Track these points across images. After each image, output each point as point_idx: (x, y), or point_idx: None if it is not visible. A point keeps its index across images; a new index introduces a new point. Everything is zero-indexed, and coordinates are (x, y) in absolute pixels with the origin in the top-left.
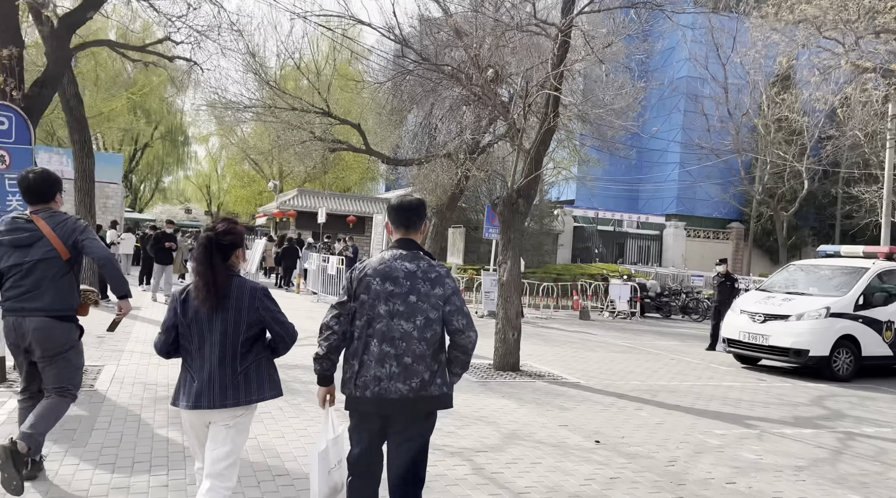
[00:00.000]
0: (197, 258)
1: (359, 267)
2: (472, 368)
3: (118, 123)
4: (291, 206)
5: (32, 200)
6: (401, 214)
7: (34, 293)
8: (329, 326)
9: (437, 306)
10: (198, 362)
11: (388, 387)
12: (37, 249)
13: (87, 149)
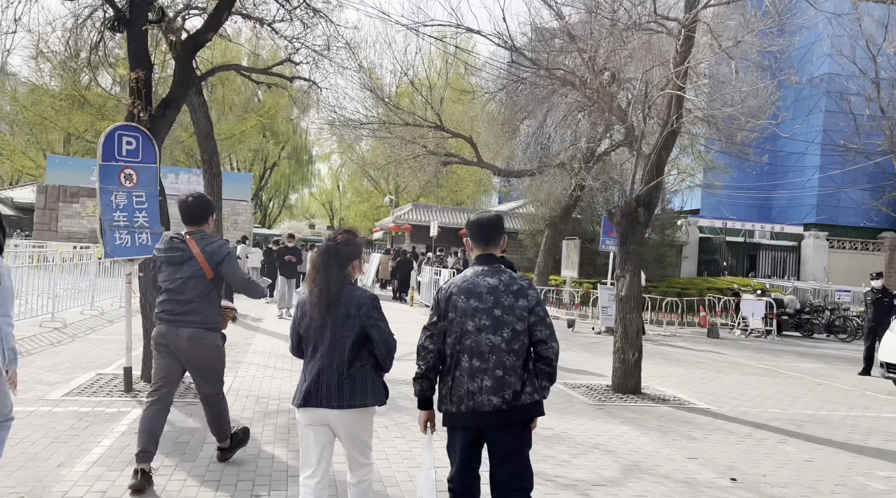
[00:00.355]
0: (315, 265)
1: (444, 286)
2: (587, 389)
3: (248, 144)
4: (406, 220)
5: (188, 222)
6: (479, 231)
7: (187, 307)
8: (424, 346)
9: (523, 318)
10: (310, 364)
11: (481, 400)
12: (187, 268)
13: (215, 169)
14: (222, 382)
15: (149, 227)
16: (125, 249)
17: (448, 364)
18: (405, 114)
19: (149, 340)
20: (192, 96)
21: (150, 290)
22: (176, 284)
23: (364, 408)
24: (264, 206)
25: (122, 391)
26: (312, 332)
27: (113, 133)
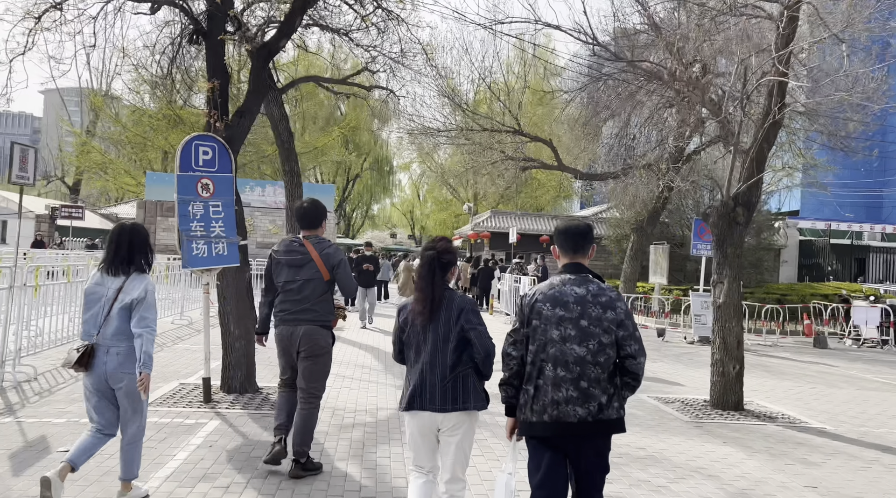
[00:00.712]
0: (420, 274)
1: (528, 293)
2: (682, 404)
3: (331, 156)
4: (485, 227)
5: (304, 226)
6: (568, 239)
7: (304, 307)
8: (508, 352)
9: (610, 330)
10: (414, 369)
11: (566, 411)
12: (306, 270)
13: (296, 180)
14: (325, 383)
15: (225, 236)
16: (202, 259)
17: (529, 372)
18: (483, 119)
19: (228, 350)
20: (272, 108)
21: (230, 299)
22: (295, 285)
23: (466, 411)
24: (348, 216)
25: (201, 402)
26: (414, 337)
27: (190, 143)
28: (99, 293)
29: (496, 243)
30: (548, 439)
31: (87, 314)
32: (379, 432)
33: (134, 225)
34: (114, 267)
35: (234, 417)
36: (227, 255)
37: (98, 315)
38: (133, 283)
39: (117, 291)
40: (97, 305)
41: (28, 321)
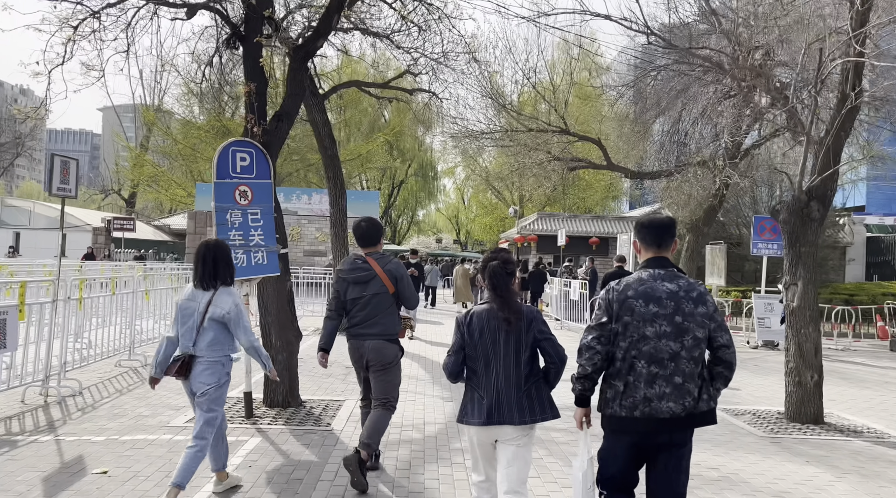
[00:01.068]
0: (495, 285)
1: (616, 288)
2: (754, 416)
3: (376, 163)
4: (532, 230)
5: (364, 244)
6: (652, 232)
7: (371, 321)
8: (591, 346)
9: (704, 325)
10: (485, 381)
11: (658, 407)
12: (372, 286)
13: (340, 186)
14: (397, 392)
15: (264, 245)
16: (241, 269)
17: (619, 368)
18: (528, 119)
19: None
20: (315, 114)
21: (271, 309)
22: (363, 301)
23: (539, 423)
24: (393, 223)
25: (242, 418)
26: (483, 349)
27: (227, 149)
28: (191, 307)
29: (543, 246)
30: (636, 434)
31: (183, 328)
32: (427, 451)
33: (217, 242)
34: (203, 282)
35: (276, 433)
36: (266, 264)
37: (192, 328)
38: (221, 296)
39: (207, 304)
40: (191, 319)
41: (75, 334)
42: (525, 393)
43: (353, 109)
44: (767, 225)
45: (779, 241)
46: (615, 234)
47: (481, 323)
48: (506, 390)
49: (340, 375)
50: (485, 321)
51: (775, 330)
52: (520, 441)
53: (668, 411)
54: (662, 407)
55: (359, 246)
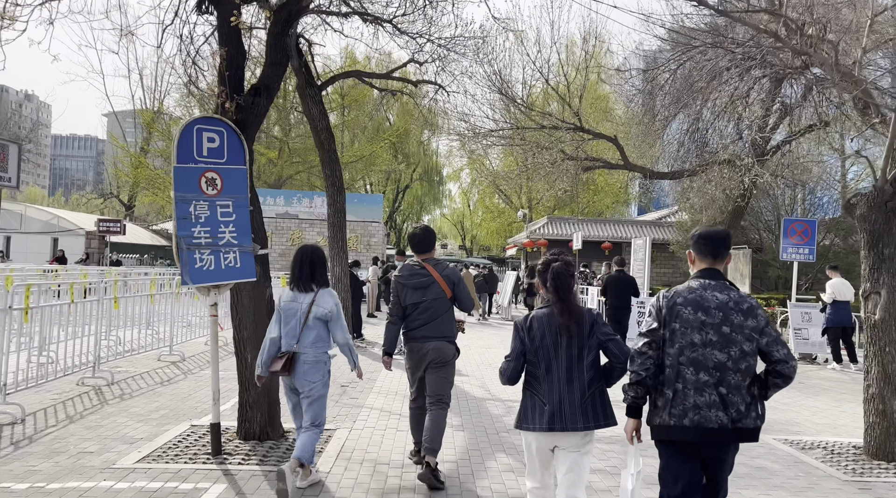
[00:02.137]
0: (557, 287)
1: (666, 295)
2: (826, 452)
3: (380, 166)
4: (541, 234)
5: (419, 251)
6: (709, 244)
7: (432, 324)
8: (643, 352)
9: (752, 338)
10: (546, 387)
11: (707, 415)
12: (432, 291)
13: (338, 184)
14: (451, 391)
15: (237, 244)
16: (208, 273)
17: (668, 375)
18: (539, 115)
19: (245, 386)
20: (311, 107)
21: (247, 322)
22: (424, 305)
23: (601, 429)
24: (398, 228)
25: (208, 455)
26: (544, 354)
27: (190, 128)
28: (294, 308)
29: None
30: (687, 444)
31: (287, 327)
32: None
33: (314, 247)
34: (303, 284)
35: (247, 477)
36: (240, 267)
37: (296, 327)
38: (323, 297)
39: (310, 305)
40: (294, 319)
41: (29, 348)
42: (589, 398)
43: (357, 110)
44: (798, 228)
45: (810, 244)
46: (629, 238)
47: (542, 327)
48: (568, 396)
49: (334, 395)
50: (545, 325)
51: (814, 342)
52: (582, 448)
53: (717, 421)
54: (711, 416)
55: (414, 253)
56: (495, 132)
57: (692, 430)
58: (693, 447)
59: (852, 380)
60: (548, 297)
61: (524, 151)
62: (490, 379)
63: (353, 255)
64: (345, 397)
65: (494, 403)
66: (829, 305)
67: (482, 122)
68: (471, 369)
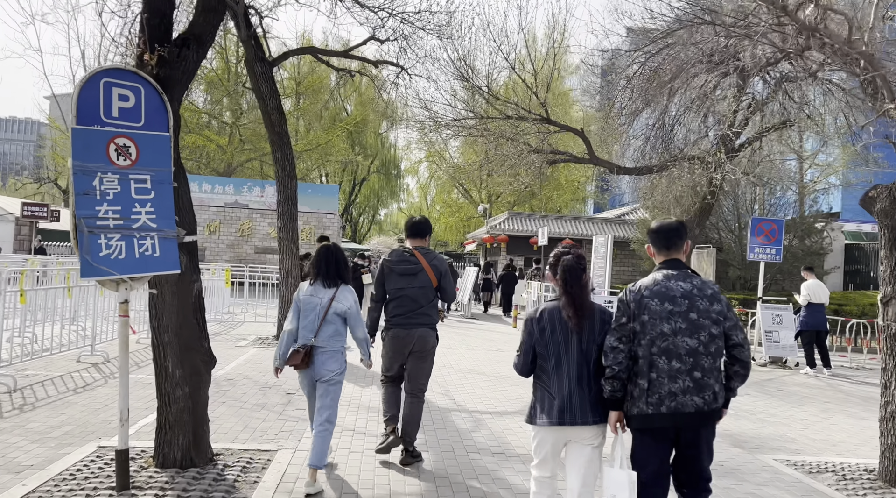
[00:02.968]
0: (566, 280)
1: (632, 289)
2: (837, 476)
3: (336, 156)
4: (502, 230)
5: (413, 236)
6: (661, 236)
7: (418, 311)
8: (615, 346)
9: (718, 321)
10: (555, 381)
11: (683, 401)
12: (419, 278)
13: (289, 169)
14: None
15: (157, 228)
16: (117, 262)
17: (640, 366)
18: (504, 105)
19: (165, 401)
20: (261, 83)
21: (169, 324)
22: (410, 292)
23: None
24: (354, 221)
25: (112, 490)
26: (554, 347)
27: (95, 82)
28: (314, 302)
29: (514, 247)
30: (665, 431)
31: (305, 321)
32: None
33: (336, 246)
34: (328, 280)
35: None
36: (159, 256)
37: (314, 321)
38: (344, 293)
39: (331, 300)
40: (313, 313)
41: None
42: (598, 392)
43: (314, 98)
44: (766, 228)
45: (777, 244)
46: (589, 235)
47: (552, 321)
48: (578, 390)
49: (277, 406)
50: (556, 319)
51: (785, 345)
52: (595, 441)
53: (692, 405)
54: (687, 401)
55: (407, 238)
56: (458, 121)
57: (670, 416)
58: (668, 433)
59: (829, 386)
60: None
61: (487, 143)
62: (455, 385)
63: (306, 247)
64: (290, 408)
65: (461, 415)
66: (803, 307)
67: (444, 110)
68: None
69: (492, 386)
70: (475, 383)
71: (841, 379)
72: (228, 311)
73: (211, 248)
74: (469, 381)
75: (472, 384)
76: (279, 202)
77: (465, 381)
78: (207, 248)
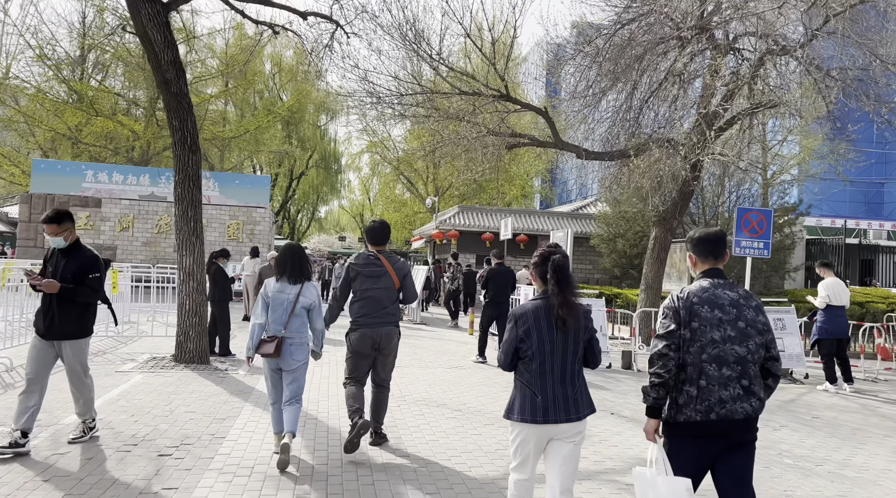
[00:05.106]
0: (559, 279)
1: (680, 296)
2: None
3: (270, 146)
4: (452, 224)
5: (375, 242)
6: (709, 245)
7: (384, 311)
8: (664, 354)
9: (763, 332)
10: (539, 381)
11: (733, 408)
12: (384, 281)
13: (190, 142)
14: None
15: None
16: None
17: (689, 373)
18: (458, 78)
19: None
20: (151, 30)
21: None
22: (376, 294)
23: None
24: (292, 218)
25: None
26: (539, 348)
27: None
28: (282, 298)
29: (466, 244)
30: (713, 439)
31: (275, 314)
32: None
33: (298, 245)
34: (293, 277)
35: None
36: None
37: (283, 314)
38: (309, 289)
39: (297, 295)
40: (282, 307)
41: None
42: (579, 389)
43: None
44: (752, 219)
45: (765, 238)
46: (545, 230)
47: (538, 321)
48: (561, 389)
49: (139, 480)
50: (542, 318)
51: (790, 353)
52: (576, 438)
53: (742, 412)
54: (737, 408)
55: (370, 244)
56: (404, 97)
57: (719, 423)
58: (715, 442)
59: (864, 408)
60: (544, 288)
61: (437, 122)
62: (408, 428)
63: (233, 245)
64: (157, 483)
65: (416, 490)
66: (820, 311)
67: (389, 84)
68: None
69: (459, 428)
70: (435, 424)
71: (867, 396)
72: (128, 320)
73: (123, 246)
74: (427, 420)
75: (432, 426)
76: (177, 183)
77: (422, 420)
78: (119, 246)
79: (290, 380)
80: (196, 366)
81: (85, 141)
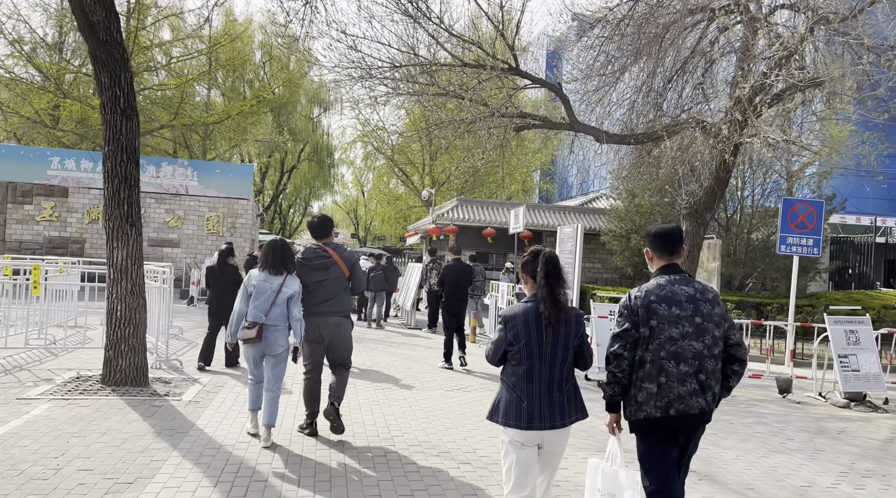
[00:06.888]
0: (548, 274)
1: (638, 295)
2: None
3: (257, 134)
4: (450, 219)
5: (318, 236)
6: (664, 241)
7: (333, 300)
8: (618, 354)
9: (720, 324)
10: (525, 385)
11: (690, 403)
12: (333, 271)
13: (124, 104)
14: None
15: None
16: None
17: (648, 370)
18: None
19: None
20: None
21: None
22: (325, 284)
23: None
24: (284, 213)
25: None
26: (527, 349)
27: None
28: (265, 287)
29: (465, 239)
30: (674, 433)
31: (256, 302)
32: None
33: (282, 240)
34: (275, 269)
35: None
36: None
37: (265, 303)
38: (291, 280)
39: (280, 286)
40: (264, 296)
41: None
42: (566, 395)
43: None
44: (801, 211)
45: (815, 234)
46: (550, 226)
47: (527, 325)
48: (548, 395)
49: None
50: (531, 322)
51: (867, 374)
52: (560, 444)
53: (697, 407)
54: (693, 403)
55: (314, 238)
56: (398, 69)
57: (676, 419)
58: (675, 436)
59: None
60: (534, 291)
61: (436, 98)
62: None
63: (212, 239)
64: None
65: None
66: None
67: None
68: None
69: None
70: (440, 488)
71: None
72: (74, 323)
73: (92, 239)
74: (427, 478)
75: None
76: (106, 156)
77: (421, 480)
78: (87, 239)
79: (273, 363)
80: (127, 389)
81: (63, 128)
